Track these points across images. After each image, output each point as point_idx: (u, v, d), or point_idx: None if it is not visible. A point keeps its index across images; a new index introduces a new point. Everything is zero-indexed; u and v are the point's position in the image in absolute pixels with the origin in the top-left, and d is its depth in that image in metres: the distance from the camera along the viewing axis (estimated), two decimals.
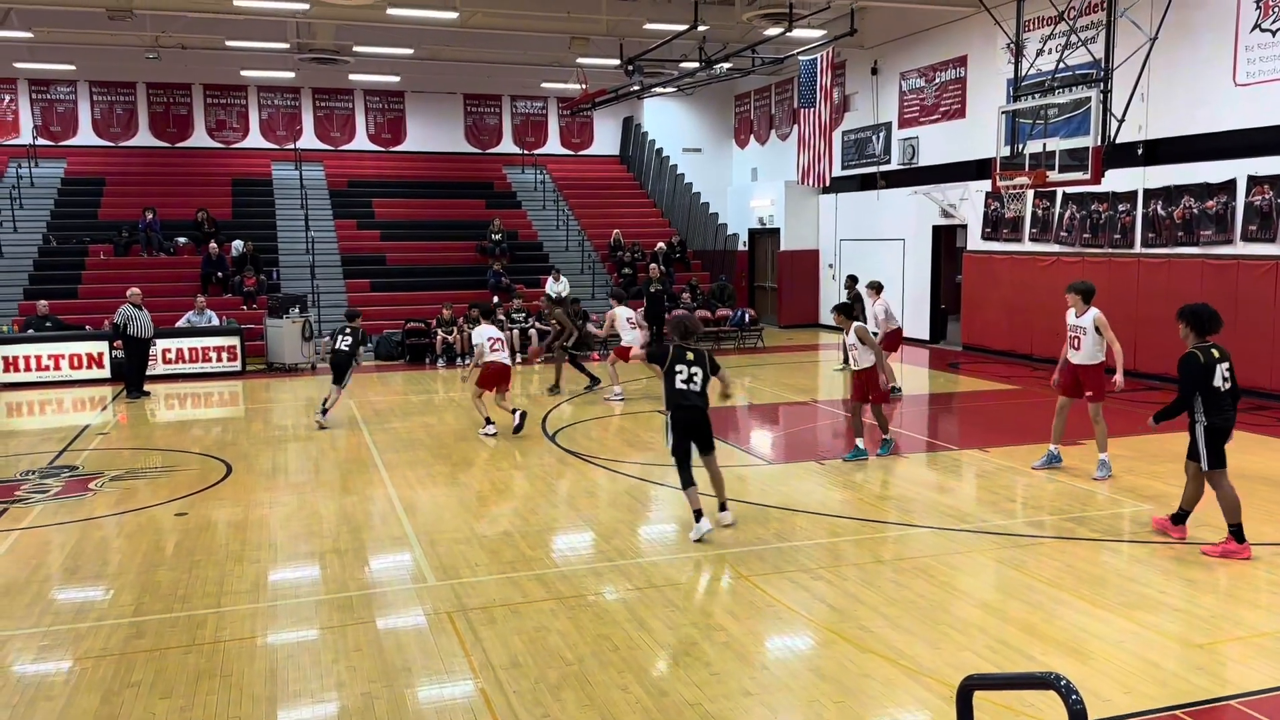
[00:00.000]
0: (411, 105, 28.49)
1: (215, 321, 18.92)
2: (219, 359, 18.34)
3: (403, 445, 11.90)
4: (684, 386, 7.92)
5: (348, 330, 13.34)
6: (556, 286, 22.22)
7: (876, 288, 14.86)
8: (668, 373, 7.97)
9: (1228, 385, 7.55)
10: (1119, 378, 9.50)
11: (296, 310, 18.92)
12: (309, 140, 27.59)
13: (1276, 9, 13.67)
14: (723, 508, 8.31)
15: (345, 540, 8.14)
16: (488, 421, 12.32)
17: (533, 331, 20.18)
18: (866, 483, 9.86)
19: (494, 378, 12.34)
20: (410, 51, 23.38)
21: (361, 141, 28.19)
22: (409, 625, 6.35)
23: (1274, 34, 13.70)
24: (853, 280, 16.68)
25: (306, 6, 17.74)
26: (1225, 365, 7.57)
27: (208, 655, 5.89)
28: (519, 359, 18.82)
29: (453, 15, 18.58)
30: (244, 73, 25.71)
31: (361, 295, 22.20)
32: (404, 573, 7.36)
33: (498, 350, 12.35)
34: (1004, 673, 5.24)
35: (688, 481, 8.02)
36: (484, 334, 12.37)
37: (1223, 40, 14.43)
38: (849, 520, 8.55)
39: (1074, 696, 2.26)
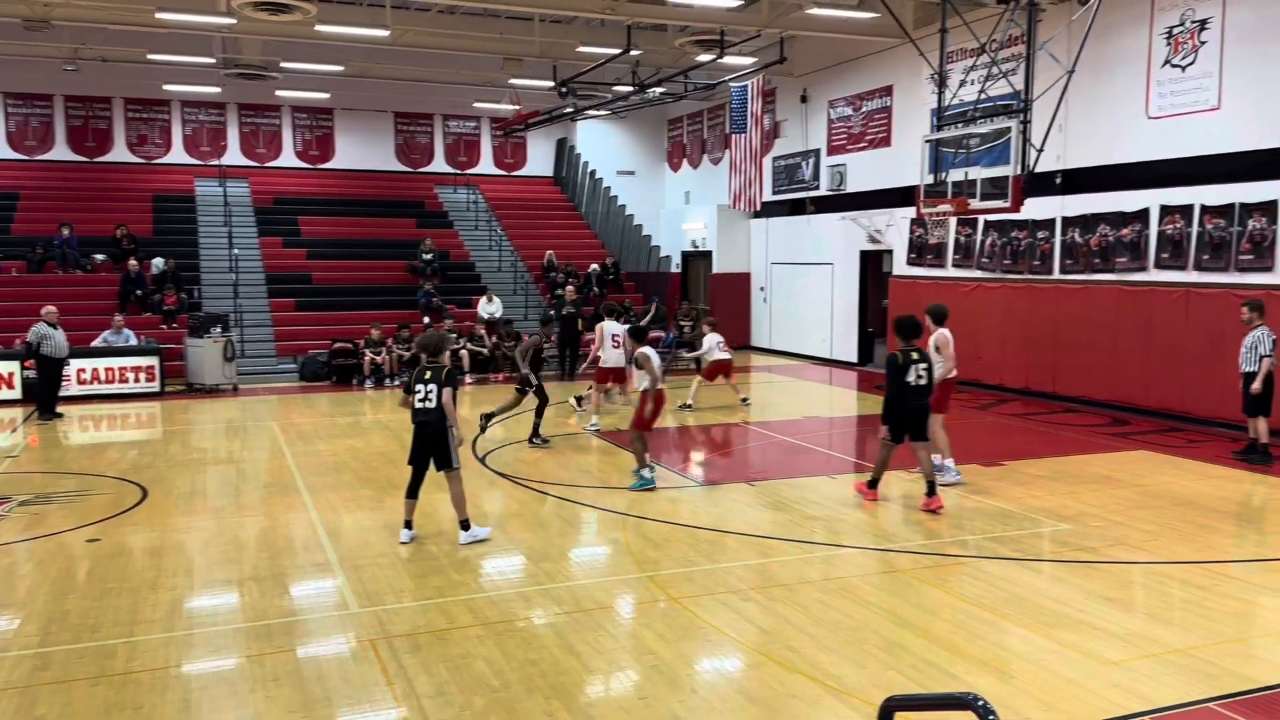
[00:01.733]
0: (341, 122, 28.16)
1: (133, 341, 18.39)
2: (137, 379, 17.81)
3: (327, 469, 11.67)
4: (420, 405, 8.35)
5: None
6: (489, 307, 22.10)
7: (711, 324, 16.83)
8: (411, 391, 8.43)
9: (921, 381, 9.43)
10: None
11: (218, 330, 18.49)
12: (234, 156, 27.09)
13: (1186, 46, 14.25)
14: (464, 526, 8.55)
15: (265, 566, 7.93)
16: (595, 412, 14.21)
17: (463, 353, 19.98)
18: (795, 503, 9.93)
19: (609, 372, 14.08)
20: (340, 69, 23.14)
21: (289, 158, 27.76)
22: (330, 654, 6.20)
23: (1183, 70, 14.27)
24: (658, 308, 18.03)
25: (233, 21, 17.44)
26: (921, 365, 9.45)
27: (118, 687, 5.67)
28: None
29: (384, 33, 18.43)
30: (167, 87, 25.17)
31: (286, 315, 21.80)
32: (326, 600, 7.19)
33: (616, 347, 13.94)
34: (924, 693, 5.30)
35: (409, 493, 8.57)
36: (609, 330, 13.99)
37: (1136, 75, 14.98)
38: (778, 541, 8.60)
39: (991, 716, 2.28)
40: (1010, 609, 6.91)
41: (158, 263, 21.57)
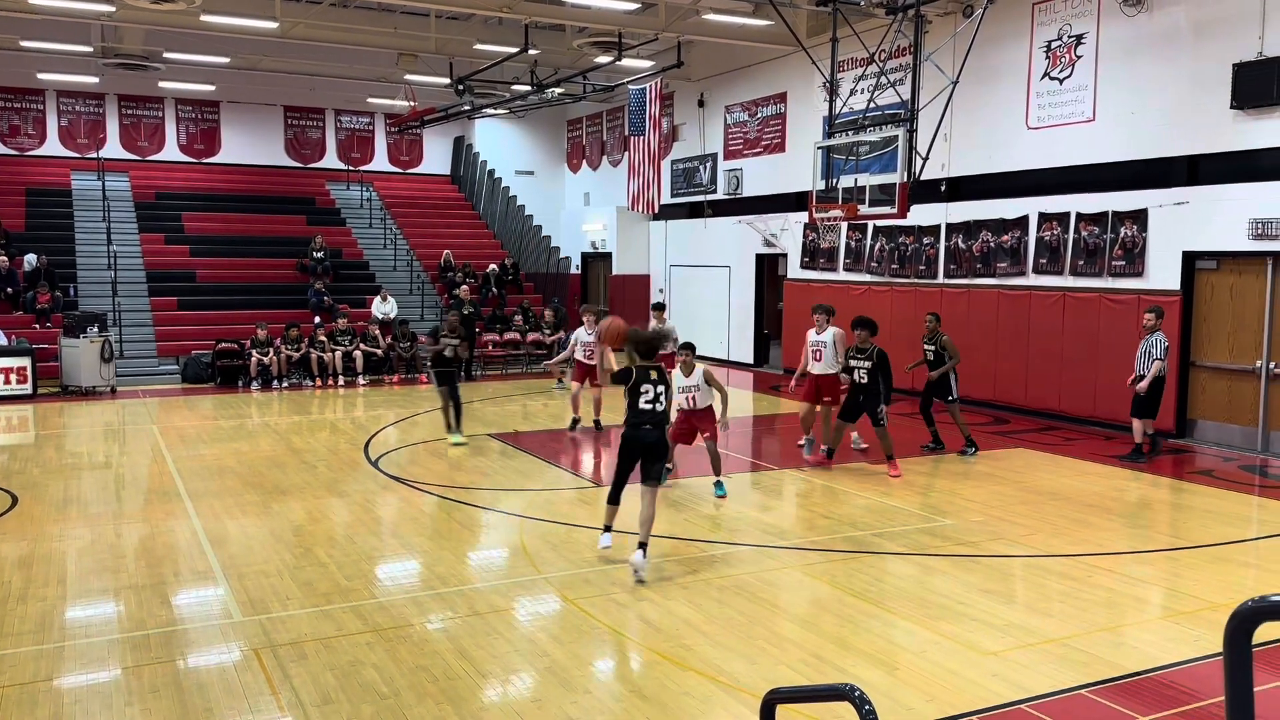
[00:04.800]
0: (227, 115, 27.27)
1: (3, 341, 17.48)
2: (7, 381, 16.90)
3: (210, 473, 11.28)
4: (647, 406, 7.61)
5: None
6: (384, 307, 21.69)
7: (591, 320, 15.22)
8: (638, 393, 7.60)
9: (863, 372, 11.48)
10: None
11: (95, 329, 17.72)
12: (113, 149, 25.96)
13: (1064, 59, 14.89)
14: (642, 548, 7.66)
15: (144, 575, 7.62)
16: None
17: (357, 354, 19.58)
18: (693, 503, 10.02)
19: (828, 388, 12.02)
20: (226, 60, 22.41)
21: (172, 152, 26.73)
22: (212, 664, 6.00)
23: (1061, 82, 14.91)
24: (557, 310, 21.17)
25: (112, 9, 16.73)
26: (863, 360, 11.44)
27: None
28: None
29: (273, 25, 17.91)
30: (41, 75, 23.98)
31: (168, 314, 21.01)
32: (208, 609, 6.95)
33: (819, 360, 12.07)
34: (804, 686, 5.41)
35: (611, 499, 8.02)
36: (831, 334, 12.06)
37: (1017, 86, 15.59)
38: (675, 540, 8.66)
39: (866, 707, 2.35)
40: (896, 602, 7.11)
41: (30, 259, 20.55)
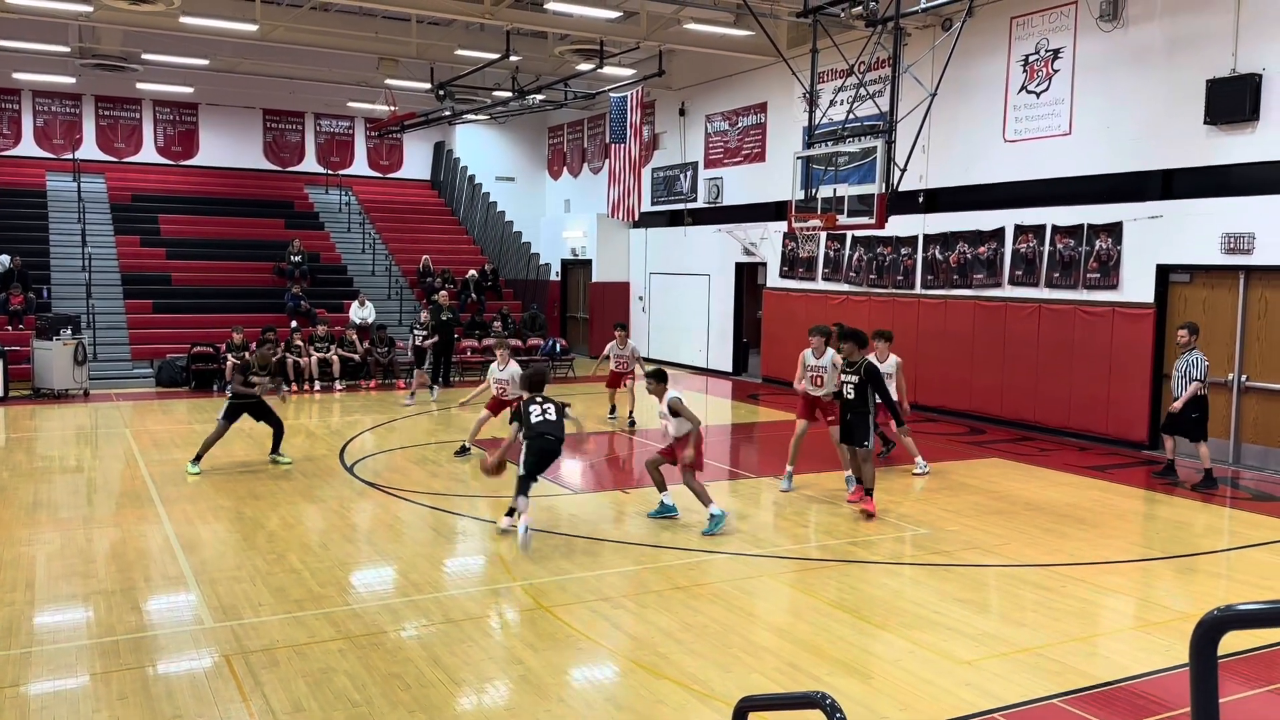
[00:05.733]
0: (205, 118, 27.09)
1: None
2: None
3: (183, 478, 11.17)
4: (541, 419, 8.73)
5: None
6: (362, 312, 21.58)
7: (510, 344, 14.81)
8: (524, 418, 8.82)
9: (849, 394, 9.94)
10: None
11: (69, 331, 17.54)
12: (89, 150, 25.74)
13: (1041, 73, 15.03)
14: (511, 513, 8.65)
15: (114, 580, 7.53)
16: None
17: (333, 359, 19.46)
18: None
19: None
20: (205, 62, 22.26)
21: (149, 153, 26.53)
22: (182, 670, 5.93)
23: (1038, 95, 15.05)
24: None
25: (90, 9, 16.59)
26: (853, 377, 9.86)
27: None
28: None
29: (252, 27, 17.81)
30: (17, 75, 23.75)
31: (143, 317, 20.82)
32: (179, 615, 6.88)
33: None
34: (776, 694, 5.41)
35: (523, 492, 8.59)
36: (830, 357, 10.70)
37: (994, 99, 15.72)
38: (652, 548, 8.65)
39: (838, 715, 2.35)
40: (870, 611, 7.13)
41: (3, 260, 20.33)
